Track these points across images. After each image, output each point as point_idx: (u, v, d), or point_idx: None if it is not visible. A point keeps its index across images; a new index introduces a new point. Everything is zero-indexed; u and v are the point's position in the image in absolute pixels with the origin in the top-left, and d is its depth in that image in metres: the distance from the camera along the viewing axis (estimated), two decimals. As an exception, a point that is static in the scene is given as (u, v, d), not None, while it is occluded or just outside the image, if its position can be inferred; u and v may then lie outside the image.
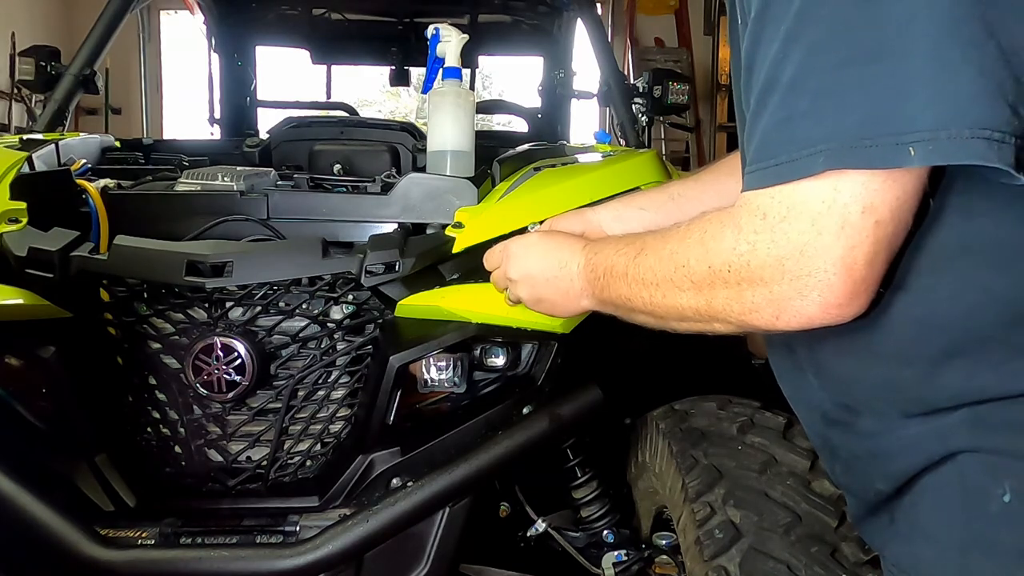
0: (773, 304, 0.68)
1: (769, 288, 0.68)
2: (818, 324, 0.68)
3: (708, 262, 0.72)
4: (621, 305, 0.90)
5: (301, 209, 1.41)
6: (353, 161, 1.76)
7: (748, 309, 0.70)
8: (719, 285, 0.72)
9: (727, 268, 0.70)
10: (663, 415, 1.42)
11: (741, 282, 0.70)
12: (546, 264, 1.06)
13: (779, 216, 0.65)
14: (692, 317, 0.78)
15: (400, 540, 1.29)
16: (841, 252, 0.63)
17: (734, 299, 0.71)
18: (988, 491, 0.67)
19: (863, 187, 0.62)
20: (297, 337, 1.30)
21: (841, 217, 0.62)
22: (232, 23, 2.99)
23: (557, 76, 3.08)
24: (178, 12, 6.49)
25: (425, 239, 1.33)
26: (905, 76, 0.59)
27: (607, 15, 6.29)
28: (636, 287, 0.84)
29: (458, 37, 1.47)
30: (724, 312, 0.73)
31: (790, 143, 0.64)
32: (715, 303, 0.73)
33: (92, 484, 1.30)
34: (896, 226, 0.64)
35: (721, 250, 0.71)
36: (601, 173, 1.52)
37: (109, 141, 1.93)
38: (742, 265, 0.69)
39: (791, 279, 0.66)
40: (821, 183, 0.62)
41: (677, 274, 0.77)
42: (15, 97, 5.55)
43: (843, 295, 0.65)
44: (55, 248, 1.25)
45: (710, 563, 1.12)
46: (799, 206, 0.64)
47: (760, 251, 0.67)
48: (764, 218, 0.66)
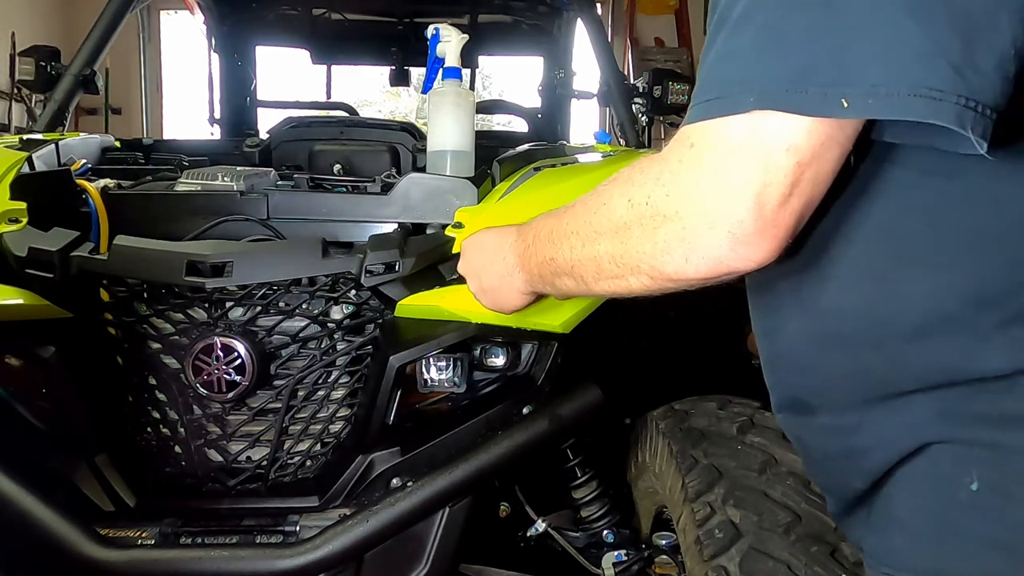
0: (685, 242, 0.67)
1: (683, 222, 0.67)
2: (726, 268, 0.67)
3: (629, 195, 0.71)
4: (547, 271, 0.88)
5: (301, 209, 1.41)
6: (353, 161, 1.76)
7: (660, 249, 0.69)
8: (635, 223, 0.71)
9: (645, 200, 0.69)
10: (663, 415, 1.42)
11: (656, 216, 0.69)
12: (485, 249, 1.08)
13: (705, 146, 0.65)
14: (608, 270, 0.76)
15: (400, 540, 1.29)
16: (757, 187, 0.63)
17: (648, 238, 0.70)
18: (958, 480, 0.68)
19: (790, 128, 0.62)
20: (297, 337, 1.30)
21: (763, 153, 0.62)
22: (232, 23, 2.99)
23: (557, 76, 3.08)
24: (178, 12, 6.49)
25: (425, 239, 1.33)
26: (849, 26, 0.59)
27: (607, 15, 6.28)
28: (559, 242, 0.82)
29: (458, 37, 1.48)
30: (638, 256, 0.72)
31: (727, 79, 0.64)
32: (630, 245, 0.72)
33: (92, 484, 1.30)
34: (817, 172, 0.63)
35: (645, 181, 0.70)
36: (601, 173, 1.51)
37: (109, 141, 1.93)
38: (661, 196, 0.68)
39: (704, 211, 0.65)
40: (750, 119, 0.62)
41: (598, 216, 0.75)
42: (15, 97, 5.54)
43: (752, 232, 0.64)
44: (55, 248, 1.25)
45: (710, 563, 1.12)
46: (725, 138, 0.64)
47: (680, 179, 0.67)
48: (691, 147, 0.66)
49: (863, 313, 0.70)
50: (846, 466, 0.79)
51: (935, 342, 0.67)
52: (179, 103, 6.96)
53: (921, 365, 0.68)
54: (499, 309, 1.14)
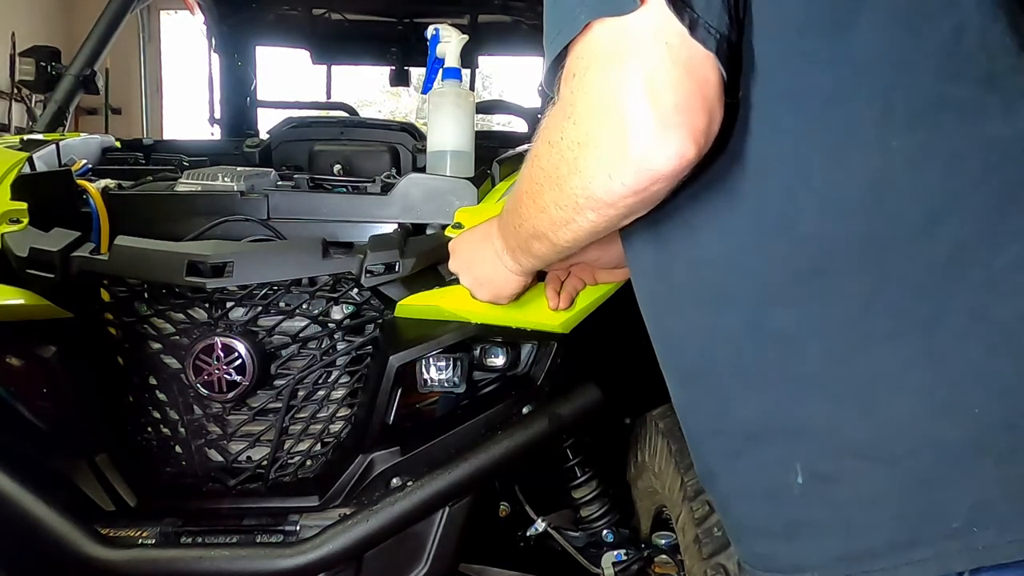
0: (602, 161, 0.67)
1: (594, 142, 0.67)
2: (649, 175, 0.66)
3: (548, 138, 0.72)
4: (520, 239, 0.89)
5: (301, 209, 1.41)
6: (353, 161, 1.76)
7: (587, 177, 0.69)
8: (559, 163, 0.71)
9: (560, 136, 0.70)
10: (663, 415, 1.42)
11: (572, 147, 0.69)
12: (471, 242, 1.08)
13: (582, 69, 0.66)
14: (558, 218, 0.76)
15: (400, 540, 1.29)
16: (640, 80, 0.63)
17: (573, 171, 0.70)
18: (784, 478, 0.70)
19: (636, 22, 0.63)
20: (297, 337, 1.30)
21: (630, 48, 0.63)
22: (232, 23, 2.99)
23: (557, 76, 3.08)
24: (178, 12, 6.49)
25: (425, 239, 1.33)
26: None
27: (607, 15, 6.27)
28: (518, 208, 0.84)
29: (458, 37, 1.48)
30: (572, 192, 0.71)
31: (562, 15, 0.67)
32: (564, 185, 0.72)
33: (92, 484, 1.31)
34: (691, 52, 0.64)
35: (554, 121, 0.71)
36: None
37: (109, 141, 1.93)
38: (569, 127, 0.68)
39: (609, 126, 0.65)
40: (600, 32, 0.64)
41: (533, 168, 0.76)
42: (15, 97, 5.54)
43: (655, 127, 0.63)
44: (56, 248, 1.25)
45: (709, 561, 1.12)
46: (592, 53, 0.65)
47: (578, 107, 0.67)
48: (573, 77, 0.67)
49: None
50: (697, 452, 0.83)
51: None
52: (179, 103, 6.97)
53: None
54: (497, 298, 1.13)
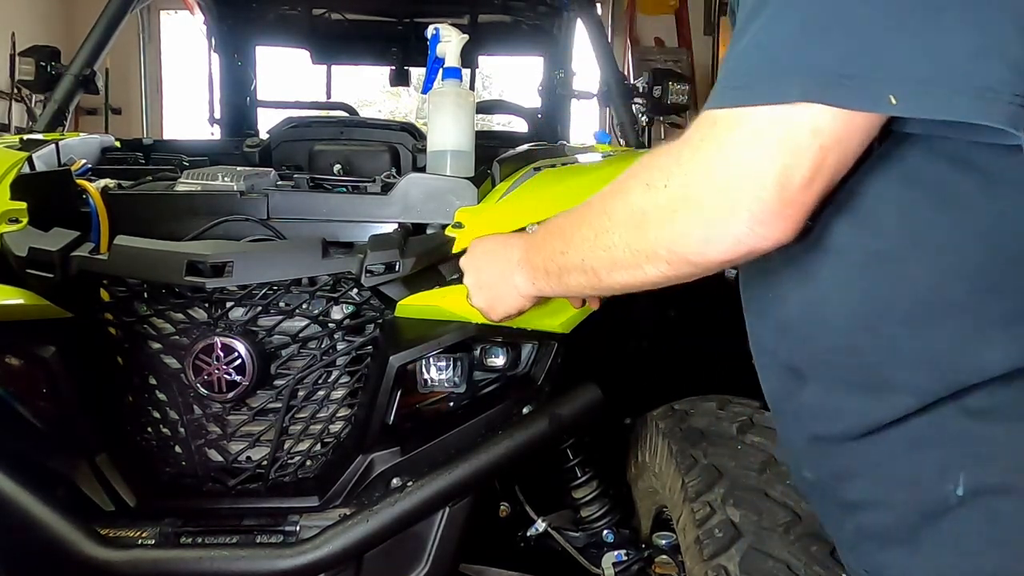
0: (703, 223, 0.66)
1: (702, 204, 0.66)
2: (745, 249, 0.66)
3: (647, 180, 0.70)
4: (554, 264, 0.85)
5: (301, 209, 1.41)
6: (353, 161, 1.76)
7: (680, 233, 0.68)
8: (652, 210, 0.69)
9: (664, 183, 0.68)
10: (663, 415, 1.42)
11: (674, 200, 0.67)
12: (490, 246, 1.06)
13: (728, 126, 0.64)
14: (623, 260, 0.74)
15: (400, 540, 1.29)
16: (780, 168, 0.62)
17: (666, 222, 0.68)
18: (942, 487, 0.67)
19: (818, 112, 0.61)
20: (297, 337, 1.30)
21: (788, 135, 0.61)
22: (232, 23, 2.99)
23: (557, 76, 3.08)
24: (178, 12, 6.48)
25: (425, 239, 1.33)
26: (899, 20, 0.58)
27: (607, 15, 6.28)
28: (570, 235, 0.80)
29: (458, 37, 1.47)
30: (655, 242, 0.70)
31: (766, 67, 0.62)
32: (647, 231, 0.70)
33: (92, 484, 1.31)
34: (840, 156, 0.62)
35: (664, 164, 0.68)
36: (601, 173, 1.52)
37: (109, 141, 1.93)
38: (680, 178, 0.67)
39: (726, 191, 0.64)
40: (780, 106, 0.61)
41: (614, 204, 0.73)
42: (15, 97, 5.53)
43: (771, 213, 0.63)
44: (55, 248, 1.25)
45: (710, 562, 1.12)
46: (751, 119, 0.63)
47: (701, 161, 0.65)
48: (713, 125, 0.65)
49: (862, 291, 0.69)
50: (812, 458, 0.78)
51: (932, 329, 0.66)
52: (179, 103, 6.96)
53: (913, 352, 0.67)
54: (489, 310, 1.09)
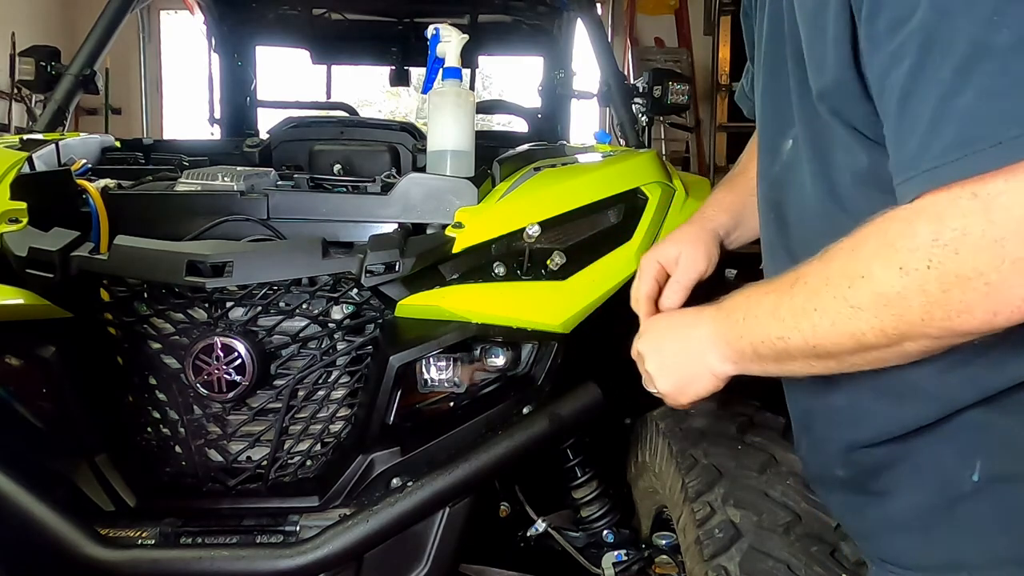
0: (991, 298, 0.59)
1: (984, 278, 0.58)
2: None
3: (899, 263, 0.62)
4: (768, 351, 0.77)
5: (301, 209, 1.41)
6: (353, 161, 1.76)
7: (957, 311, 0.61)
8: (914, 291, 0.62)
9: (927, 264, 0.60)
10: (663, 415, 1.42)
11: (945, 279, 0.60)
12: (672, 325, 0.95)
13: (995, 192, 0.57)
14: (873, 343, 0.67)
15: (400, 540, 1.29)
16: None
17: (937, 304, 0.61)
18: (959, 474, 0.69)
19: None
20: (297, 337, 1.30)
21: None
22: (232, 23, 2.99)
23: (557, 76, 3.08)
24: (178, 12, 6.49)
25: (425, 239, 1.33)
26: None
27: (607, 15, 6.28)
28: (792, 321, 0.72)
29: (458, 37, 1.47)
30: (922, 324, 0.63)
31: (1014, 118, 0.56)
32: (909, 315, 0.63)
33: (92, 484, 1.31)
34: None
35: (916, 247, 0.61)
36: (601, 173, 1.52)
37: (109, 141, 1.93)
38: (947, 256, 0.59)
39: (1012, 261, 0.57)
40: None
41: (853, 290, 0.66)
42: (15, 97, 5.54)
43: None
44: (55, 248, 1.25)
45: (710, 563, 1.12)
46: (1019, 176, 0.56)
47: (972, 235, 0.58)
48: (974, 196, 0.58)
49: None
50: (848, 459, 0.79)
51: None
52: (179, 103, 6.96)
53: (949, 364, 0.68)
54: (679, 395, 0.94)
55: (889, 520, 0.77)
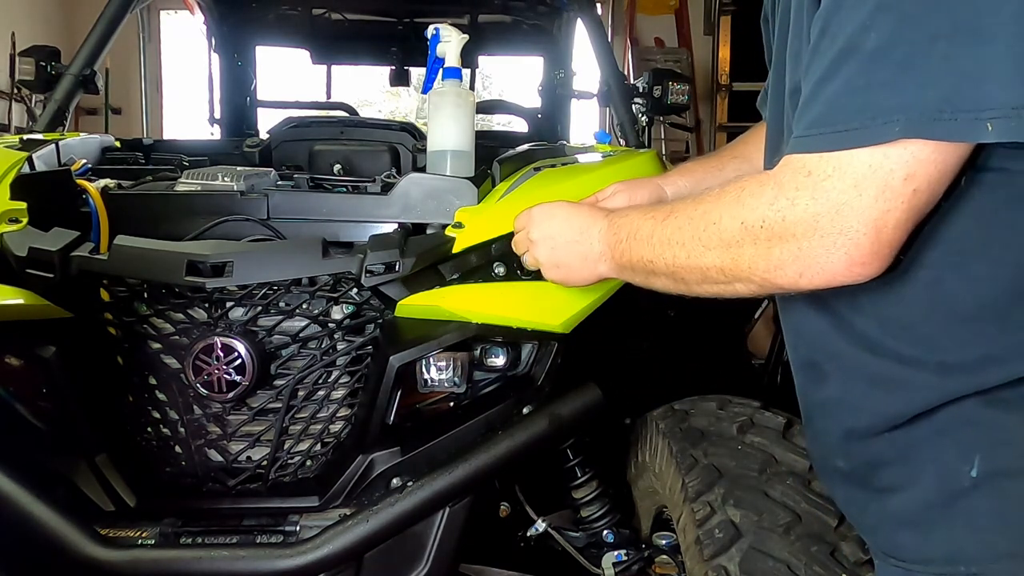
0: (800, 261, 0.70)
1: (799, 244, 0.70)
2: (838, 283, 0.71)
3: (742, 218, 0.74)
4: (640, 268, 0.92)
5: (301, 209, 1.41)
6: (353, 161, 1.76)
7: (774, 266, 0.72)
8: (748, 242, 0.74)
9: (760, 223, 0.72)
10: (663, 415, 1.42)
11: (771, 238, 0.72)
12: (567, 227, 1.09)
13: (823, 174, 0.68)
14: (715, 278, 0.80)
15: (400, 540, 1.29)
16: (876, 214, 0.66)
17: (761, 256, 0.73)
18: (959, 469, 0.71)
19: (912, 156, 0.64)
20: (297, 337, 1.30)
21: (883, 181, 0.65)
22: (232, 23, 2.99)
23: (557, 76, 3.08)
24: (178, 12, 6.49)
25: (425, 239, 1.33)
26: (990, 54, 0.61)
27: (607, 15, 6.28)
28: (660, 248, 0.86)
29: (458, 37, 1.47)
30: (749, 270, 0.75)
31: (866, 109, 0.65)
32: (741, 261, 0.75)
33: (92, 484, 1.30)
34: (929, 196, 0.66)
35: (758, 205, 0.73)
36: (601, 173, 1.52)
37: (109, 141, 1.93)
38: (776, 220, 0.71)
39: (822, 235, 0.68)
40: (872, 150, 0.65)
41: (706, 232, 0.78)
42: (15, 97, 5.54)
43: (868, 254, 0.67)
44: (55, 248, 1.25)
45: (710, 563, 1.12)
46: (845, 167, 0.66)
47: (799, 206, 0.69)
48: (808, 175, 0.69)
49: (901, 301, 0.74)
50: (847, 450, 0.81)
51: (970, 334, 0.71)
52: (179, 103, 6.96)
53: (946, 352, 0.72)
54: (564, 282, 1.15)
55: (890, 515, 0.78)
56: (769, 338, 2.40)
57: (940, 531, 0.74)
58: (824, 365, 0.83)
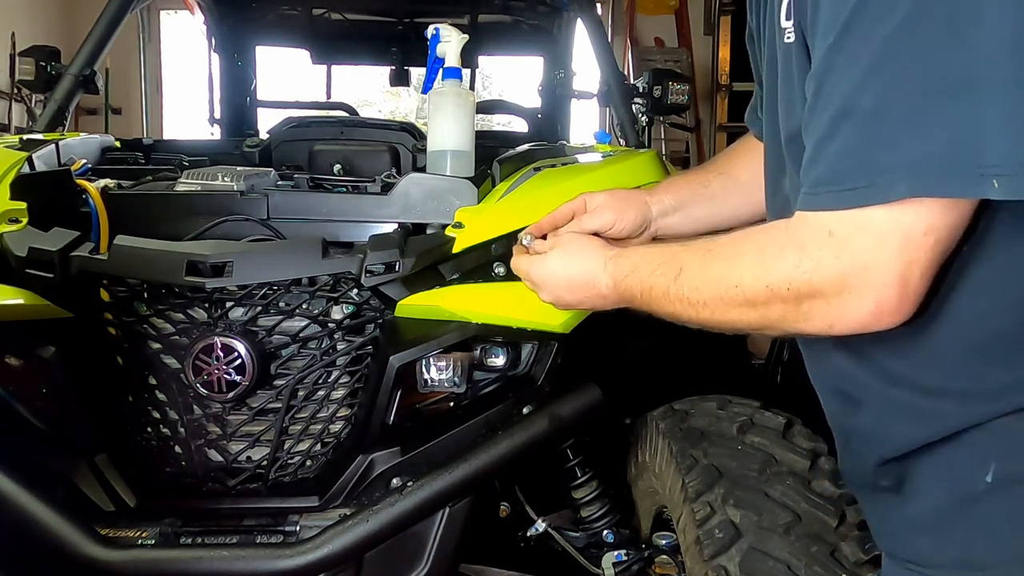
0: (830, 314, 0.71)
1: (828, 301, 0.71)
2: (868, 330, 0.72)
3: (767, 281, 0.75)
4: (655, 310, 0.92)
5: (301, 209, 1.41)
6: (353, 161, 1.76)
7: (803, 318, 0.74)
8: (776, 301, 0.75)
9: (787, 286, 0.73)
10: (663, 415, 1.42)
11: (800, 298, 0.73)
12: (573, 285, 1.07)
13: (846, 234, 0.68)
14: (743, 327, 0.81)
15: (400, 540, 1.29)
16: (901, 266, 0.67)
17: (790, 312, 0.74)
18: (974, 474, 0.72)
19: (927, 210, 0.65)
20: (297, 337, 1.30)
21: (905, 236, 0.66)
22: (232, 23, 2.99)
23: (557, 76, 3.08)
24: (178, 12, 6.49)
25: (425, 239, 1.33)
26: (989, 109, 0.62)
27: (607, 15, 6.28)
28: (682, 306, 0.86)
29: (458, 37, 1.47)
30: (778, 323, 0.77)
31: (869, 169, 0.66)
32: (770, 316, 0.77)
33: (92, 484, 1.31)
34: (949, 244, 0.68)
35: (781, 268, 0.73)
36: (601, 173, 1.52)
37: (109, 141, 1.93)
38: (804, 282, 0.72)
39: (850, 292, 0.69)
40: (890, 207, 0.66)
41: (729, 294, 0.79)
42: (15, 97, 5.54)
43: (896, 305, 0.69)
44: (55, 248, 1.25)
45: (710, 563, 1.12)
46: (866, 225, 0.67)
47: (824, 267, 0.70)
48: (830, 235, 0.69)
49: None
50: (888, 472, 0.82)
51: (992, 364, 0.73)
52: (179, 103, 6.96)
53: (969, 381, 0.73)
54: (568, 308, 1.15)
55: (909, 519, 0.79)
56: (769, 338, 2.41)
57: (954, 536, 0.74)
58: (855, 395, 0.84)
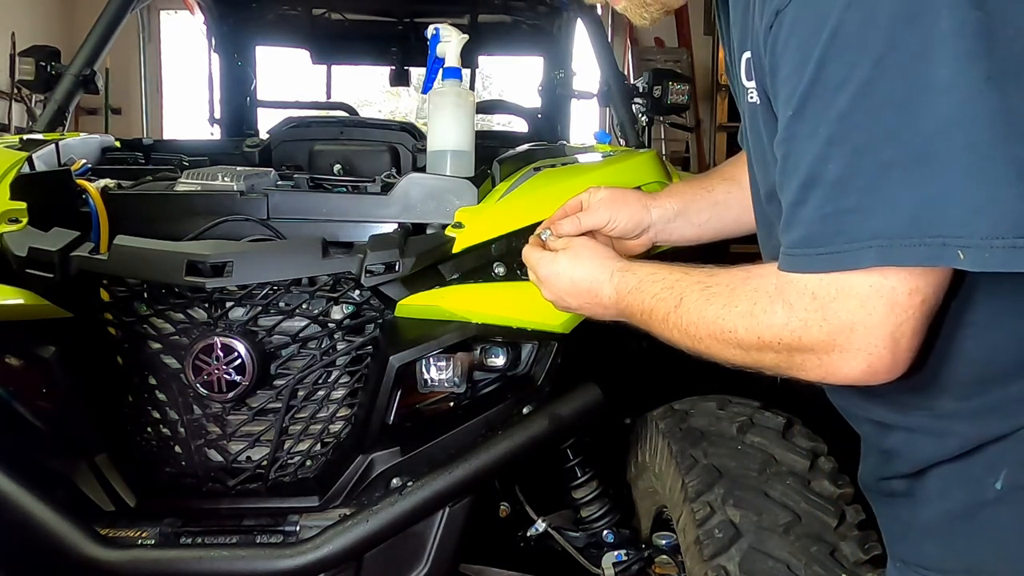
0: (822, 368, 0.72)
1: (819, 357, 0.72)
2: (864, 383, 0.72)
3: (758, 334, 0.76)
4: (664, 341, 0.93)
5: (301, 209, 1.41)
6: (353, 161, 1.76)
7: (796, 368, 0.75)
8: (768, 350, 0.76)
9: (777, 341, 0.74)
10: (663, 415, 1.42)
11: (792, 351, 0.74)
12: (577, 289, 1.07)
13: (829, 296, 0.69)
14: (740, 366, 0.82)
15: (400, 540, 1.29)
16: (890, 329, 0.67)
17: (783, 360, 0.76)
18: (984, 481, 0.72)
19: (908, 273, 0.65)
20: (297, 337, 1.30)
21: (889, 299, 0.67)
22: (232, 23, 2.99)
23: (557, 76, 3.08)
24: (178, 12, 6.50)
25: (425, 239, 1.33)
26: (948, 181, 0.62)
27: (607, 15, 6.27)
28: (679, 335, 0.87)
29: (458, 37, 1.47)
30: (773, 369, 0.78)
31: (838, 235, 0.67)
32: (764, 362, 0.78)
33: (92, 484, 1.30)
34: (938, 300, 0.68)
35: (772, 324, 0.74)
36: (601, 173, 1.52)
37: (109, 141, 1.93)
38: (793, 340, 0.73)
39: (841, 351, 0.70)
40: (870, 270, 0.66)
41: (724, 336, 0.80)
42: (15, 97, 5.55)
43: (889, 364, 0.69)
44: (55, 248, 1.25)
45: (710, 563, 1.12)
46: (848, 288, 0.68)
47: (812, 328, 0.71)
48: (814, 298, 0.70)
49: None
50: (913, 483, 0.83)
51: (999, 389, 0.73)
52: (179, 103, 6.97)
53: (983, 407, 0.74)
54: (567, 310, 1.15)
55: (918, 524, 0.80)
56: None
57: (962, 542, 0.74)
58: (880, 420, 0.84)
